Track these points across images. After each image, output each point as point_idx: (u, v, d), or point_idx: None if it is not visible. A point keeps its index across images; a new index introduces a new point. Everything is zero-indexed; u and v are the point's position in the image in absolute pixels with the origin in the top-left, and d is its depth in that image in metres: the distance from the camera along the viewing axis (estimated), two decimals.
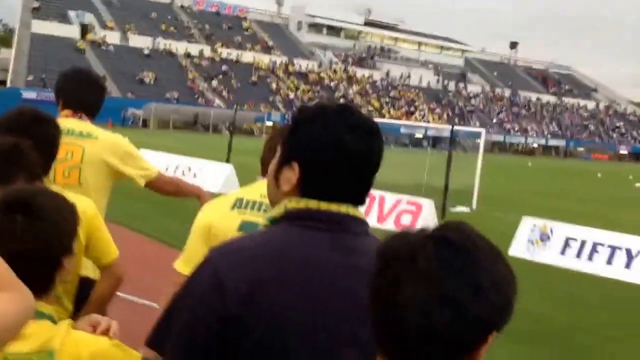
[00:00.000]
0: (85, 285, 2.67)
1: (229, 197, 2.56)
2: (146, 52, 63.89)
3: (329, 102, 1.55)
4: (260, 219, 2.33)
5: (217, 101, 60.67)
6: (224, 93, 62.49)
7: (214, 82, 63.89)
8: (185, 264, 2.44)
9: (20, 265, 1.54)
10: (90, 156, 3.33)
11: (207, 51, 69.11)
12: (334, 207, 1.42)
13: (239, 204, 2.47)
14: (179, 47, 67.34)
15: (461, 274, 0.98)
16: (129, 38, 65.42)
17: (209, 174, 17.36)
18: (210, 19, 77.15)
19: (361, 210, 1.49)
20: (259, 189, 2.38)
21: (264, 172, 2.57)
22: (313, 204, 1.42)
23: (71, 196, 1.95)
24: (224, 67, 66.88)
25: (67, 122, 3.31)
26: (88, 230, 2.55)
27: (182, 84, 61.53)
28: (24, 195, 1.73)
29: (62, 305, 2.33)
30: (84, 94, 3.53)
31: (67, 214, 1.77)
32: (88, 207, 2.57)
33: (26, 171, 2.23)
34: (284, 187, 1.46)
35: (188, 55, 66.91)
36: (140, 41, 65.23)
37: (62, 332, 1.64)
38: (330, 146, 1.42)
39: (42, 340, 1.61)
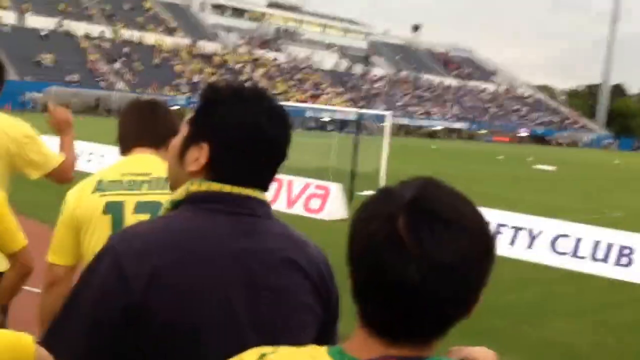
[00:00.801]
0: None
1: (89, 182, 2.50)
2: (44, 33, 61.24)
3: (241, 83, 1.51)
4: (125, 196, 2.35)
5: (120, 84, 58.97)
6: (127, 76, 60.80)
7: (116, 65, 62.03)
8: (54, 253, 2.45)
9: None
10: None
11: (108, 32, 66.95)
12: (237, 190, 1.40)
13: (99, 186, 2.43)
14: (79, 28, 64.94)
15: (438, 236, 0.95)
16: (26, 18, 62.50)
17: (112, 160, 16.94)
18: None
19: (268, 195, 1.47)
20: (119, 168, 2.49)
21: (123, 151, 2.67)
22: (216, 186, 1.39)
23: None
24: (126, 49, 65.02)
25: None
26: None
27: (83, 67, 59.44)
28: None
29: None
30: None
31: None
32: None
33: None
34: (190, 167, 1.42)
35: (88, 36, 64.60)
36: (38, 22, 62.52)
37: None
38: (247, 130, 1.40)
39: None
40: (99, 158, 17.19)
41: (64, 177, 3.50)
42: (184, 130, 1.46)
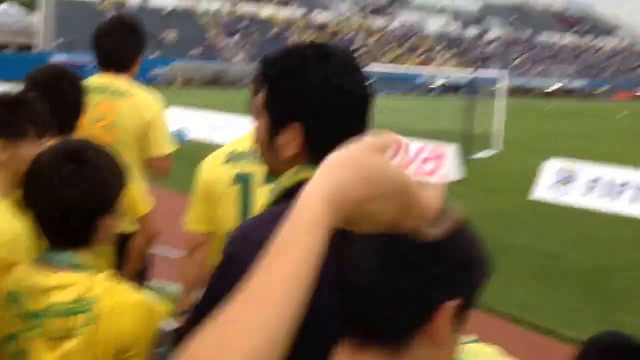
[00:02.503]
0: (123, 241, 2.69)
1: (221, 151, 2.55)
2: (166, 11, 64.15)
3: (298, 46, 1.34)
4: (254, 167, 2.25)
5: (238, 58, 60.97)
6: (244, 49, 62.76)
7: (235, 38, 64.11)
8: (191, 222, 2.56)
9: (67, 212, 1.69)
10: (125, 115, 3.20)
11: (226, 7, 69.18)
12: None
13: (230, 157, 2.47)
14: (198, 4, 67.49)
15: None
16: None
17: (237, 130, 17.67)
18: None
19: None
20: (250, 139, 2.15)
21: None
22: None
23: None
24: (243, 23, 66.98)
25: (100, 79, 3.22)
26: None
27: (203, 41, 61.80)
28: (78, 147, 1.77)
29: (104, 258, 2.30)
30: (110, 48, 3.26)
31: (116, 171, 1.79)
32: None
33: (32, 123, 2.10)
34: (286, 153, 1.29)
35: (207, 12, 67.05)
36: (159, 1, 65.48)
37: (100, 281, 1.67)
38: (325, 94, 1.26)
39: (83, 289, 1.64)
40: (220, 128, 17.75)
41: (164, 168, 3.36)
42: (263, 117, 1.33)
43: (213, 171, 2.47)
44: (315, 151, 1.24)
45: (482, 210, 10.20)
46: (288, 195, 1.24)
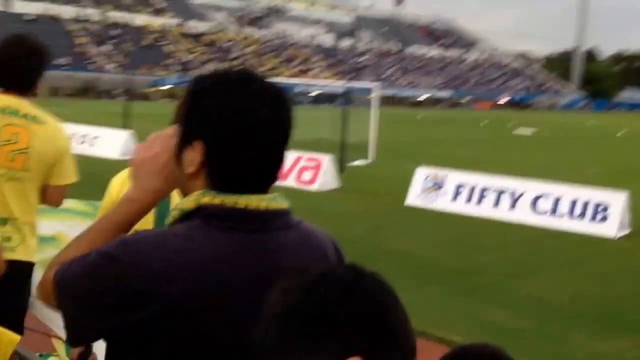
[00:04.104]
0: None
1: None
2: (30, 17, 61.20)
3: (226, 69, 1.35)
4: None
5: (110, 66, 59.18)
6: (117, 58, 60.99)
7: (105, 47, 62.16)
8: None
9: None
10: (40, 142, 3.03)
11: (96, 15, 66.95)
12: (253, 203, 1.27)
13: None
14: (66, 11, 64.91)
15: None
16: (13, 3, 62.38)
17: (107, 141, 17.22)
18: None
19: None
20: None
21: None
22: (230, 200, 1.26)
23: None
24: (115, 31, 65.09)
25: (5, 100, 3.01)
26: None
27: (71, 50, 59.53)
28: None
29: None
30: (15, 69, 3.05)
31: None
32: None
33: None
34: (188, 169, 1.29)
35: (76, 19, 64.59)
36: (23, 6, 62.41)
37: None
38: (234, 118, 1.26)
39: None
40: (91, 140, 17.47)
41: (61, 198, 3.19)
42: (175, 132, 1.34)
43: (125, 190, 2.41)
44: (213, 173, 1.28)
45: (360, 217, 10.55)
46: (187, 218, 1.28)
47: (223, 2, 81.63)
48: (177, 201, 1.34)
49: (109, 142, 17.14)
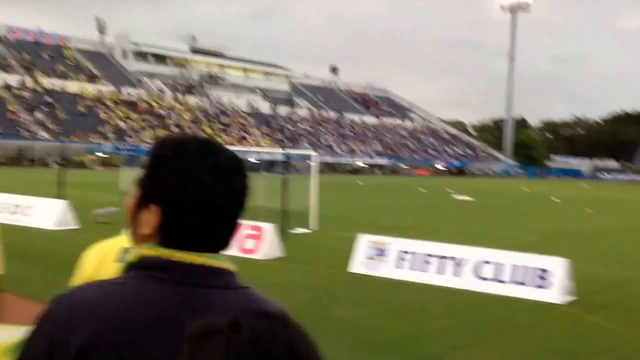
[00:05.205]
0: None
1: (113, 247, 2.38)
2: None
3: (189, 137, 1.37)
4: None
5: (43, 133, 57.99)
6: (50, 125, 59.86)
7: (38, 114, 61.01)
8: None
9: None
10: None
11: (28, 82, 65.90)
12: (188, 258, 1.28)
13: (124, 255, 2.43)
14: None
15: None
16: None
17: (41, 211, 16.55)
18: (29, 49, 73.67)
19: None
20: None
21: None
22: (166, 253, 1.28)
23: None
24: (47, 98, 64.11)
25: None
26: None
27: (3, 117, 58.20)
28: None
29: None
30: None
31: None
32: None
33: None
34: (143, 230, 1.32)
35: (6, 86, 63.40)
36: None
37: None
38: (190, 188, 1.29)
39: None
40: (24, 209, 16.76)
41: None
42: (134, 192, 1.36)
43: (102, 267, 2.32)
44: (165, 235, 1.31)
45: (304, 286, 10.34)
46: (131, 269, 1.31)
47: (158, 69, 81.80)
48: None
49: (43, 212, 16.48)
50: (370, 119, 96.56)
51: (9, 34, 74.97)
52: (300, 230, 17.01)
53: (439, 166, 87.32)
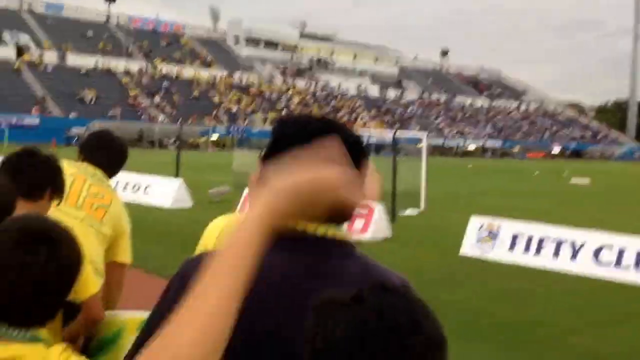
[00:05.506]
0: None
1: (230, 222, 2.50)
2: (85, 71, 63.27)
3: (308, 116, 1.46)
4: None
5: (161, 117, 60.51)
6: (167, 108, 62.40)
7: (156, 98, 63.72)
8: None
9: (39, 295, 1.62)
10: (114, 208, 3.39)
11: (147, 68, 68.86)
12: (310, 228, 1.31)
13: None
14: (118, 64, 66.97)
15: None
16: (67, 57, 64.67)
17: (159, 189, 17.30)
18: (148, 37, 76.94)
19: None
20: None
21: None
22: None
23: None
24: (165, 83, 66.78)
25: (98, 170, 3.44)
26: None
27: (124, 101, 61.18)
28: (46, 227, 1.70)
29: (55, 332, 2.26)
30: (106, 156, 3.56)
31: (79, 248, 1.74)
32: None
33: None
34: None
35: (128, 72, 66.54)
36: (78, 60, 64.63)
37: (55, 354, 1.58)
38: None
39: None
40: (144, 188, 17.52)
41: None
42: (258, 168, 1.41)
43: (221, 242, 2.37)
44: None
45: (413, 267, 10.24)
46: None
47: (269, 54, 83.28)
48: None
49: (161, 190, 17.20)
50: (481, 102, 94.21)
51: (130, 24, 78.60)
52: (409, 212, 16.91)
53: (555, 149, 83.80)
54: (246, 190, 14.92)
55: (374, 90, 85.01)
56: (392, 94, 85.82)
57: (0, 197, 2.03)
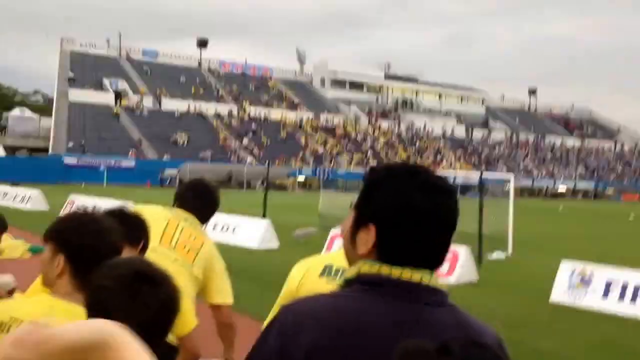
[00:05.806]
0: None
1: (318, 262, 2.56)
2: (178, 114, 65.79)
3: (397, 163, 1.53)
4: None
5: (249, 158, 61.93)
6: (255, 150, 63.85)
7: (245, 140, 65.38)
8: None
9: (144, 335, 1.57)
10: (205, 250, 3.50)
11: (236, 111, 70.92)
12: (406, 275, 1.37)
13: (328, 271, 2.46)
14: (209, 108, 69.36)
15: None
16: (162, 102, 67.48)
17: (246, 230, 17.48)
18: (237, 80, 79.34)
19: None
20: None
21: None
22: (385, 269, 1.38)
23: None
24: (253, 126, 68.51)
25: (190, 215, 3.57)
26: None
27: (215, 143, 63.11)
28: (150, 268, 1.76)
29: None
30: (200, 204, 3.68)
31: (177, 288, 1.78)
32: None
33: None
34: (361, 249, 1.43)
35: (218, 115, 68.72)
36: (172, 104, 67.43)
37: None
38: (401, 207, 1.39)
39: None
40: (233, 228, 17.68)
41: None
42: (351, 215, 1.48)
43: (307, 280, 2.51)
44: (382, 252, 1.41)
45: (501, 313, 10.04)
46: (349, 285, 1.43)
47: (354, 96, 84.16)
48: None
49: (249, 231, 17.43)
50: (572, 142, 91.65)
51: (220, 68, 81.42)
52: (496, 255, 16.55)
53: None
54: (332, 231, 15.09)
55: (460, 131, 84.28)
56: (478, 134, 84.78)
57: (114, 238, 2.19)
